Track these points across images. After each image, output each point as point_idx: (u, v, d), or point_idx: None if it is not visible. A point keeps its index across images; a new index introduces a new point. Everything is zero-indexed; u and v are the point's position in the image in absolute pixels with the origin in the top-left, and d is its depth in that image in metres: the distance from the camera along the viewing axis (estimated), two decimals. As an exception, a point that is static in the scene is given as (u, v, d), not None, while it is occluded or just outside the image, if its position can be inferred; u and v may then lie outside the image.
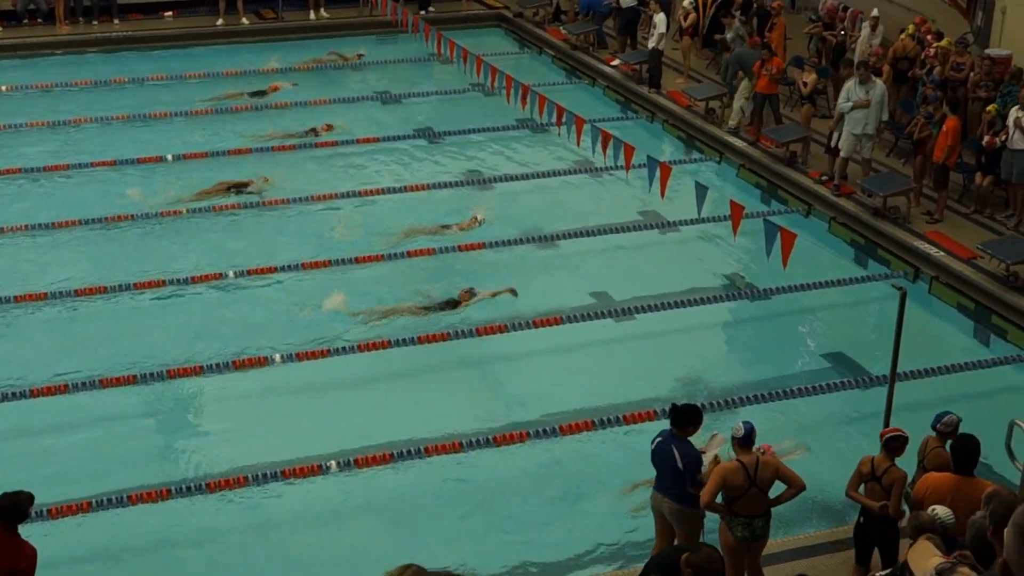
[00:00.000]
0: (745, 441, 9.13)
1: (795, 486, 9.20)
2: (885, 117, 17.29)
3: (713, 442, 9.49)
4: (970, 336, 14.74)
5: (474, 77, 20.30)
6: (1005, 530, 3.01)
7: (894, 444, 9.37)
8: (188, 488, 11.25)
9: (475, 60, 19.36)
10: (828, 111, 19.02)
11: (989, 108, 16.42)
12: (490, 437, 12.08)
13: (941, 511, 8.11)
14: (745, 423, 9.24)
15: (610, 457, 12.04)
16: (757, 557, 9.30)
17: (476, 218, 16.91)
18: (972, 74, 17.58)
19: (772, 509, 9.26)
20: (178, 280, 15.15)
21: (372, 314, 14.36)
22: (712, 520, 9.44)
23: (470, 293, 14.75)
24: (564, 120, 16.92)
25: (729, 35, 20.60)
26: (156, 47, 23.97)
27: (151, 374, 13.03)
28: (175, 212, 17.02)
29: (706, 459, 9.42)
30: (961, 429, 11.22)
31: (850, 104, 16.84)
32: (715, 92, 20.35)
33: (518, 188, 18.41)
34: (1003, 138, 15.89)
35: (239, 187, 17.71)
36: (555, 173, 18.83)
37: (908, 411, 11.96)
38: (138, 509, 10.98)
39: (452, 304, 14.63)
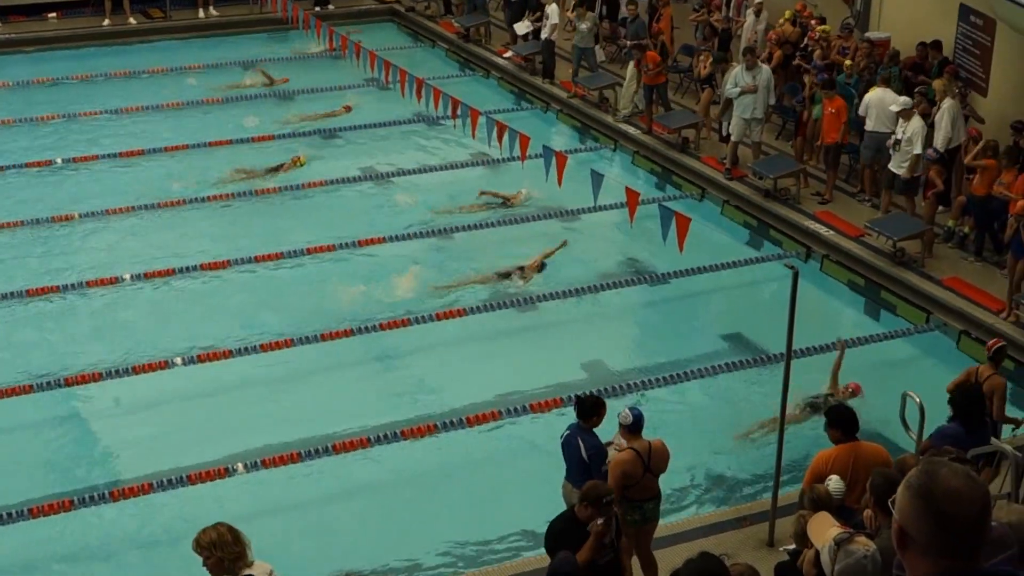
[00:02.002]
0: (634, 428, 9.20)
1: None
2: (772, 101, 17.66)
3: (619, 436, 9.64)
4: (861, 312, 15.18)
5: (368, 72, 20.23)
6: (898, 495, 3.03)
7: (999, 355, 10.92)
8: (91, 498, 11.07)
9: (368, 55, 19.29)
10: (720, 97, 19.33)
11: (871, 90, 16.82)
12: (397, 431, 12.10)
13: (833, 485, 8.40)
14: (632, 410, 9.30)
15: (517, 445, 12.16)
16: (648, 540, 9.36)
17: (522, 193, 17.22)
18: (855, 58, 18.03)
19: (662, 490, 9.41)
20: (72, 285, 14.89)
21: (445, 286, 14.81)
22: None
23: (542, 265, 15.34)
24: (459, 112, 16.96)
25: (584, 25, 20.69)
26: (41, 49, 23.42)
27: (48, 382, 12.79)
28: (67, 217, 16.72)
29: (612, 452, 9.53)
30: (855, 402, 11.64)
31: (737, 90, 17.18)
32: (608, 81, 20.56)
33: (415, 182, 18.41)
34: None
35: (275, 170, 18.19)
36: (452, 166, 18.88)
37: (805, 387, 12.33)
38: (40, 522, 10.78)
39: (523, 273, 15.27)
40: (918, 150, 15.21)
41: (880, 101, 16.01)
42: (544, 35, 21.24)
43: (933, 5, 17.60)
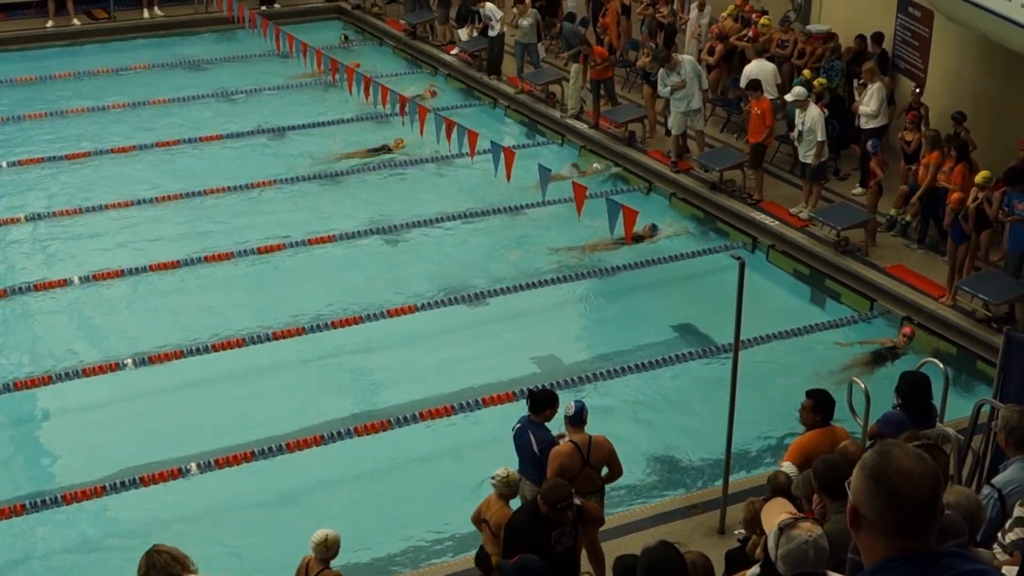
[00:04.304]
0: (576, 420, 9.26)
1: (616, 473, 9.47)
2: (705, 87, 17.83)
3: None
4: (807, 300, 15.41)
5: (315, 70, 20.22)
6: (853, 475, 3.10)
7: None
8: (43, 502, 11.02)
9: (315, 53, 19.29)
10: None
11: (817, 82, 17.04)
12: (350, 428, 12.14)
13: (788, 470, 8.57)
14: (576, 402, 9.39)
15: (470, 440, 12.23)
16: (594, 534, 9.38)
17: (595, 167, 17.91)
18: (797, 49, 18.29)
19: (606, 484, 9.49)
20: (19, 288, 14.78)
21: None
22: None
23: (653, 229, 15.91)
24: (407, 109, 17.02)
25: (526, 22, 20.77)
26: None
27: (-3, 388, 12.73)
28: (12, 220, 16.58)
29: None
30: (803, 389, 11.81)
31: (668, 89, 17.39)
32: (554, 77, 20.67)
33: (365, 179, 18.43)
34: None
35: (377, 151, 18.88)
36: (401, 163, 18.90)
37: (754, 375, 12.51)
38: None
39: (638, 239, 15.83)
40: (821, 137, 15.68)
41: (761, 70, 17.13)
42: (495, 31, 21.26)
43: (873, -3, 17.88)
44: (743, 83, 17.19)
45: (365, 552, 10.64)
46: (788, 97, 16.13)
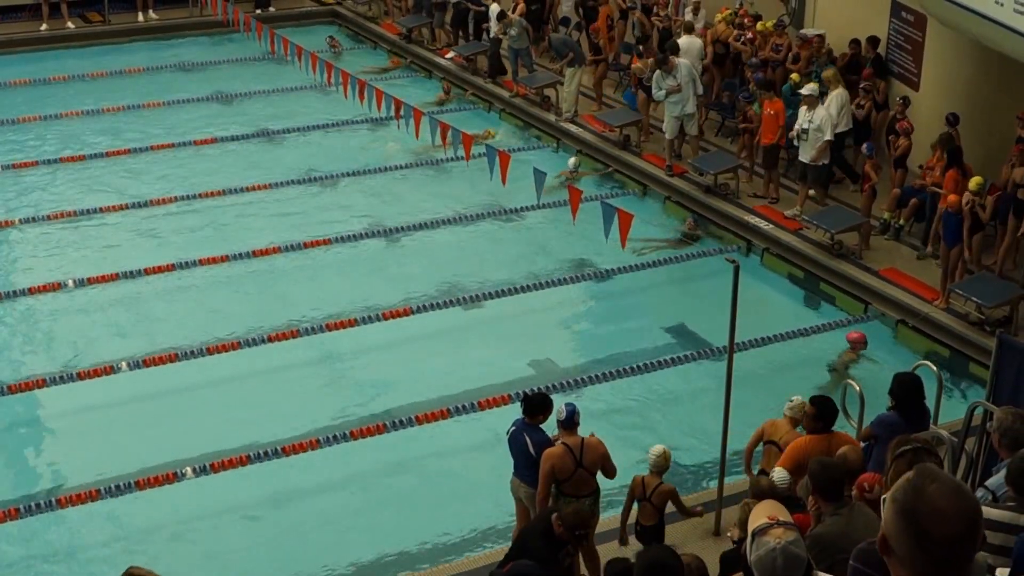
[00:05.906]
0: (568, 423, 9.32)
1: (610, 475, 9.50)
2: (700, 91, 17.86)
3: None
4: (801, 303, 15.43)
5: (310, 74, 20.20)
6: (885, 504, 2.94)
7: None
8: (38, 505, 11.02)
9: (310, 57, 19.27)
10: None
11: (808, 86, 17.05)
12: (346, 432, 12.14)
13: (777, 476, 8.58)
14: (567, 405, 9.44)
15: (467, 443, 12.25)
16: (589, 537, 9.36)
17: (571, 162, 18.41)
18: (791, 54, 18.32)
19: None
20: (14, 292, 14.78)
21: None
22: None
23: (696, 223, 16.52)
24: (403, 113, 17.02)
25: (513, 31, 20.77)
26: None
27: (-9, 391, 12.71)
28: (6, 223, 16.57)
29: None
30: (799, 392, 11.85)
31: (663, 93, 17.43)
32: (548, 80, 20.69)
33: (361, 183, 18.44)
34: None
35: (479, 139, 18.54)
36: (396, 166, 18.91)
37: (748, 379, 12.54)
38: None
39: (693, 238, 16.41)
40: (828, 136, 15.70)
41: (689, 46, 18.11)
42: (493, 33, 21.26)
43: (866, 2, 17.91)
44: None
45: (362, 555, 10.66)
46: (804, 91, 16.12)
